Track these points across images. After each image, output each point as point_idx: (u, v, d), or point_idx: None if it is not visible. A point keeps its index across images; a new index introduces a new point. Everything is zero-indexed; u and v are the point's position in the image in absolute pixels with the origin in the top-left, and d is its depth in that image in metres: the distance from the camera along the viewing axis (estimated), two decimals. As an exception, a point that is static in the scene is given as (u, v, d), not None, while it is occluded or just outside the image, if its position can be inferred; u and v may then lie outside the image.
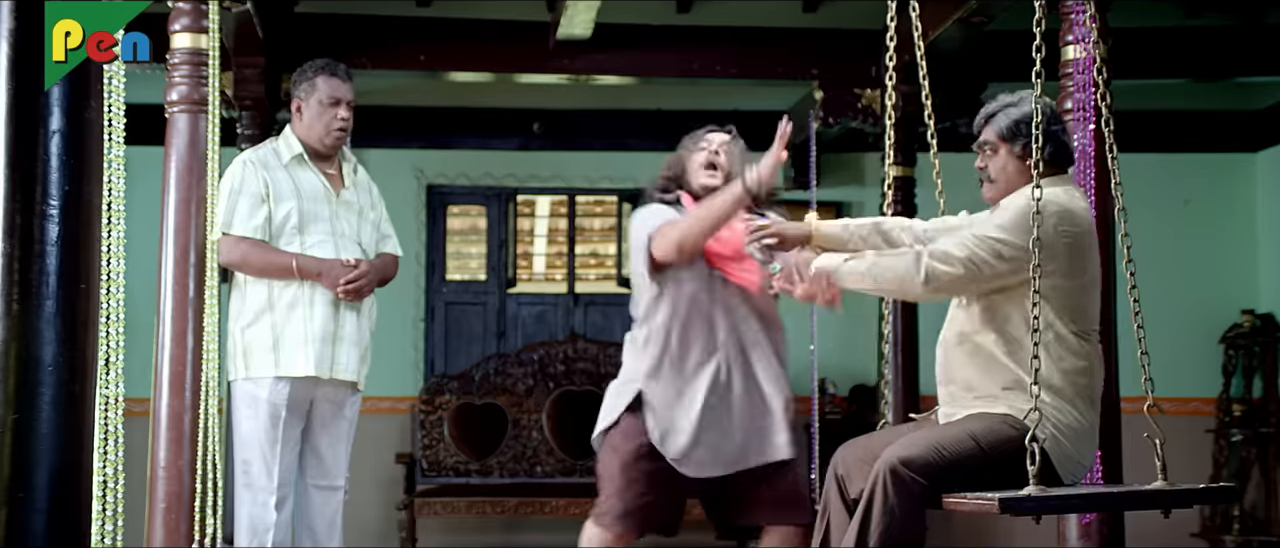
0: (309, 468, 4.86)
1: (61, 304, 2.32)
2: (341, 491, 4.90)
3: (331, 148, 4.83)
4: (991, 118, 3.73)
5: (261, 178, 4.70)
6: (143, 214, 4.11)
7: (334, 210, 4.78)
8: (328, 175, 4.82)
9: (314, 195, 4.76)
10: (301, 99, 4.82)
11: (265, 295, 4.70)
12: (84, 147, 2.39)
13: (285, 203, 4.70)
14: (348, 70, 4.91)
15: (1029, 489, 3.29)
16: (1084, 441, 3.58)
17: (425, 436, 7.72)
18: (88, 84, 2.41)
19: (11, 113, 2.32)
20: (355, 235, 4.82)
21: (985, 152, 3.73)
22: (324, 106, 4.78)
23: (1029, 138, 3.57)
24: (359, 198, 4.90)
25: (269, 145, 4.86)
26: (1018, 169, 3.67)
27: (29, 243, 2.30)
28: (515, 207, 8.43)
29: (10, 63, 2.33)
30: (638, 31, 6.91)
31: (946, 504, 3.42)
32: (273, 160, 4.78)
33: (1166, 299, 8.04)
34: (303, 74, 4.85)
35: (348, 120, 4.82)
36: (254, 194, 4.68)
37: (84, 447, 2.38)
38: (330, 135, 4.80)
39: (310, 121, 4.79)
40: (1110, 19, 4.68)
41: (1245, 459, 7.95)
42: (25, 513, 2.28)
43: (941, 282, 3.51)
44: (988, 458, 3.46)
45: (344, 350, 4.75)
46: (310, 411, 4.81)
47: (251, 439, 4.71)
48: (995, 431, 3.50)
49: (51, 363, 2.31)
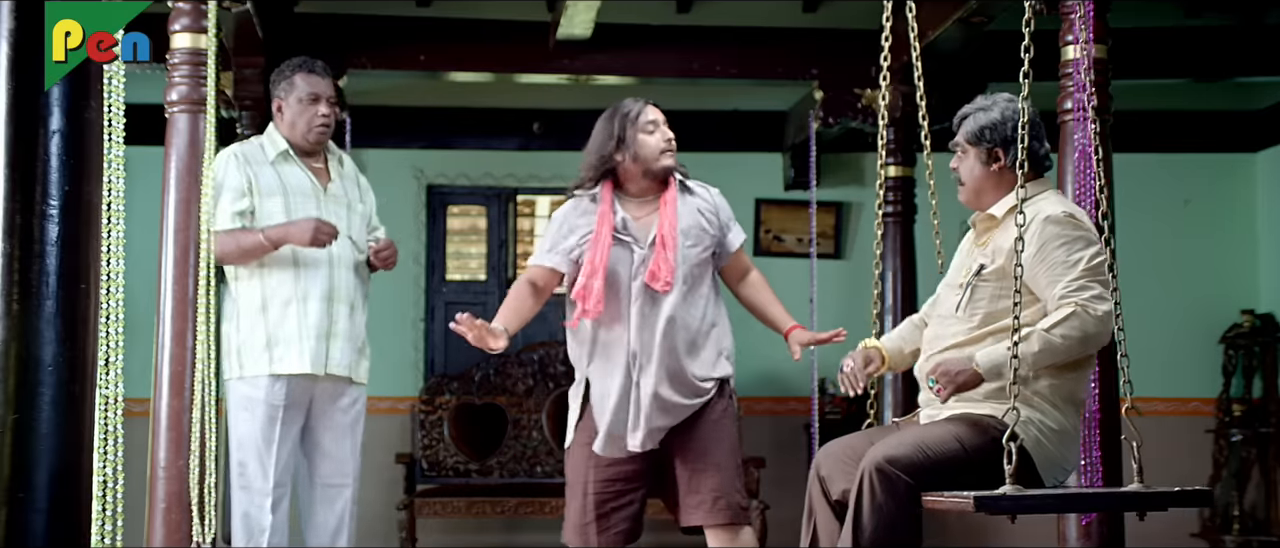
0: (314, 468, 4.86)
1: (61, 304, 2.32)
2: (349, 489, 4.88)
3: (315, 144, 4.84)
4: (964, 120, 3.78)
5: (245, 173, 4.72)
6: (142, 214, 4.12)
7: (321, 206, 4.78)
8: (314, 171, 4.84)
9: (300, 191, 4.77)
10: (281, 98, 4.84)
11: (259, 294, 4.70)
12: (84, 147, 2.39)
13: (271, 199, 4.71)
14: (325, 67, 4.91)
15: (1005, 489, 3.31)
16: (1067, 443, 3.62)
17: (425, 436, 7.72)
18: (88, 84, 2.41)
19: (11, 113, 2.32)
20: (345, 230, 4.82)
21: (957, 152, 3.81)
22: (304, 104, 4.80)
23: (995, 143, 3.69)
24: (346, 192, 4.90)
25: (256, 141, 4.88)
26: (984, 174, 3.74)
27: (29, 243, 2.30)
28: (515, 207, 8.43)
29: (10, 63, 2.33)
30: (638, 31, 6.91)
31: (925, 503, 3.44)
32: (258, 156, 4.79)
33: (1166, 299, 8.06)
34: (280, 73, 4.87)
35: (328, 116, 4.83)
36: (235, 188, 4.70)
37: (84, 447, 2.38)
38: (312, 132, 4.81)
39: (292, 120, 4.81)
40: (1110, 19, 4.68)
41: (1245, 459, 7.95)
42: (25, 513, 2.27)
43: (1105, 310, 3.53)
44: (971, 458, 3.48)
45: (338, 346, 4.75)
46: (310, 409, 4.80)
47: (247, 439, 4.71)
48: (979, 431, 3.53)
49: (51, 363, 2.31)
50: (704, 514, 4.21)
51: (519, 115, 8.24)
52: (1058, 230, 3.55)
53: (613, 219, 4.27)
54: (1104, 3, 4.63)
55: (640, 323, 4.23)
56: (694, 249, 4.29)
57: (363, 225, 4.94)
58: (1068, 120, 4.60)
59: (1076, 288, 3.52)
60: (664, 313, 4.23)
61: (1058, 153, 4.68)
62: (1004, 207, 3.70)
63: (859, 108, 6.90)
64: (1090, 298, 3.50)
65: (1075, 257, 3.54)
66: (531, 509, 7.35)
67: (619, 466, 4.26)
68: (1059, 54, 4.65)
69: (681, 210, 4.30)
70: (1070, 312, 3.48)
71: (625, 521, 4.27)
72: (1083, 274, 3.53)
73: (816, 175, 7.18)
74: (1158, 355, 7.69)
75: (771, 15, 7.06)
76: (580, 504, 4.27)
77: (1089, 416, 4.35)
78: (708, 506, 4.20)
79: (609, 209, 4.28)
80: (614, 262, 4.25)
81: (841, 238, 8.22)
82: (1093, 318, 3.48)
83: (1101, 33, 4.59)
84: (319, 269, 4.72)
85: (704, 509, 4.21)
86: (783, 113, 8.10)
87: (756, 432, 7.50)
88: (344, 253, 4.79)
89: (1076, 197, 4.46)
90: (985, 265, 3.67)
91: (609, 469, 4.26)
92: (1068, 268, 3.54)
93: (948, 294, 3.82)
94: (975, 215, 3.82)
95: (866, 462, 3.46)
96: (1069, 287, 3.52)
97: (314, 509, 4.88)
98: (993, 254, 3.67)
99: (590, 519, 4.23)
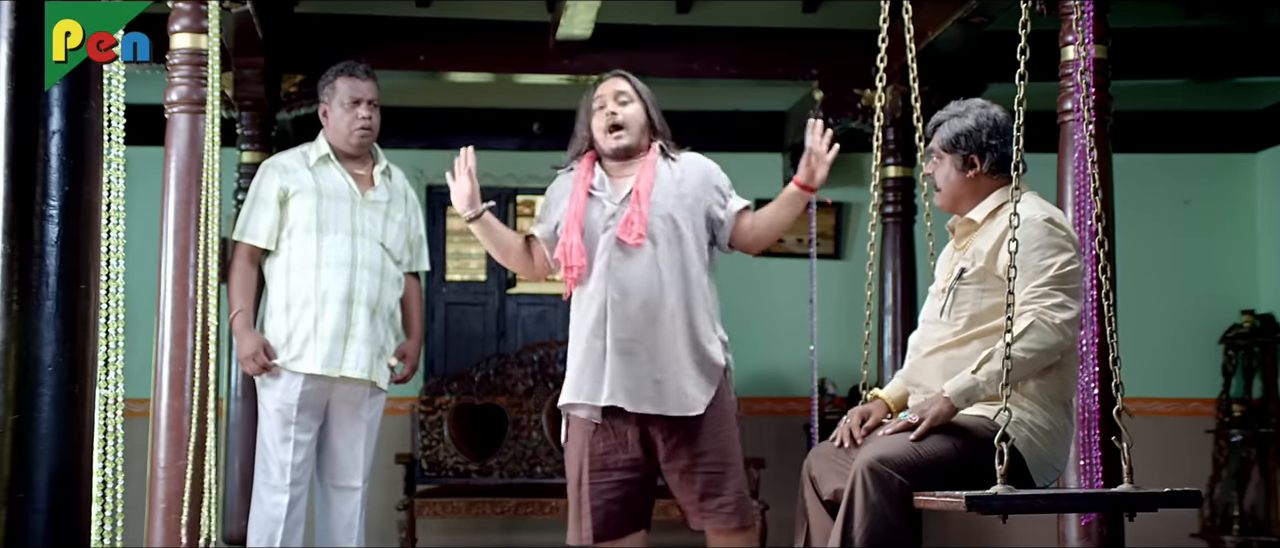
0: (325, 468, 4.88)
1: (61, 304, 2.32)
2: (360, 491, 4.91)
3: (358, 147, 4.88)
4: (938, 127, 3.81)
5: (278, 183, 4.76)
6: (142, 214, 4.12)
7: (356, 209, 4.81)
8: (356, 176, 4.88)
9: (336, 194, 4.80)
10: (325, 103, 4.90)
11: (284, 294, 4.72)
12: (84, 147, 2.39)
13: (303, 200, 4.74)
14: (368, 69, 4.96)
15: (996, 488, 3.32)
16: (1058, 443, 3.65)
17: (425, 436, 7.72)
18: (88, 84, 2.41)
19: (11, 113, 2.32)
20: (379, 235, 4.84)
21: (932, 159, 3.83)
22: (345, 108, 4.85)
23: (971, 149, 3.73)
24: (390, 199, 4.93)
25: (300, 148, 4.96)
26: (960, 179, 3.77)
27: (29, 243, 2.30)
28: (515, 207, 8.43)
29: (10, 63, 2.33)
30: (638, 31, 6.91)
31: (917, 502, 3.45)
32: (298, 162, 4.85)
33: (1166, 299, 8.06)
34: (325, 79, 4.94)
35: (370, 119, 4.88)
36: (264, 200, 4.75)
37: (84, 447, 2.38)
38: (354, 135, 4.85)
39: (335, 124, 4.87)
40: (1110, 19, 4.68)
41: (1245, 460, 7.95)
42: (25, 513, 2.27)
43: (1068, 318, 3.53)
44: (963, 458, 3.49)
45: (354, 348, 4.76)
46: (328, 410, 4.82)
47: (265, 438, 4.76)
48: (971, 431, 3.54)
49: (51, 363, 2.31)
50: (723, 518, 4.20)
51: (519, 115, 8.24)
52: (1033, 234, 3.57)
53: (589, 179, 4.28)
54: (1104, 3, 4.63)
55: (608, 278, 4.16)
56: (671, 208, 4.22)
57: (401, 235, 4.96)
58: (1067, 121, 4.61)
59: (1040, 294, 3.54)
60: (635, 270, 4.16)
61: (1058, 153, 4.69)
62: (983, 211, 3.74)
63: (859, 108, 6.90)
64: (1050, 306, 3.52)
65: (1046, 262, 3.56)
66: (531, 510, 7.35)
67: (614, 454, 4.20)
68: (1059, 54, 4.66)
69: (661, 172, 4.27)
70: (1029, 323, 3.50)
71: (620, 511, 4.21)
72: (1049, 281, 3.55)
73: (816, 176, 7.17)
74: (1158, 356, 7.70)
75: (771, 15, 7.07)
76: (575, 496, 4.24)
77: (1088, 416, 4.36)
78: (722, 510, 4.19)
79: (587, 171, 4.30)
80: (589, 219, 4.22)
81: (841, 238, 8.22)
82: (1051, 327, 3.50)
83: (1101, 33, 4.59)
84: (341, 271, 4.74)
85: (725, 513, 4.20)
86: (783, 113, 8.10)
87: (756, 432, 7.50)
88: (371, 257, 4.81)
89: (1076, 197, 4.46)
90: (966, 269, 3.69)
91: (601, 458, 4.20)
92: (1036, 273, 3.55)
93: (932, 300, 3.85)
94: (954, 220, 3.84)
95: (859, 462, 3.47)
96: (1033, 293, 3.54)
97: (327, 510, 4.90)
98: (973, 257, 3.70)
99: (585, 511, 4.20)
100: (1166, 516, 3.87)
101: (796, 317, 4.56)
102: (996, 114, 3.78)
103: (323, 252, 4.72)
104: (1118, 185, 4.72)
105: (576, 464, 4.23)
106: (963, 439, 3.53)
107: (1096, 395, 4.35)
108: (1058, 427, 3.64)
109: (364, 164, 4.91)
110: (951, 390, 3.52)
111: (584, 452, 4.21)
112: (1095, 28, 4.46)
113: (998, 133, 3.75)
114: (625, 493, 4.21)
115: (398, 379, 5.01)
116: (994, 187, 3.76)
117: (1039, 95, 3.66)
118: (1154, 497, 3.52)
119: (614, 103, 4.30)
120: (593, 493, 4.19)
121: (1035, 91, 3.58)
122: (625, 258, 4.17)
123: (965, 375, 3.52)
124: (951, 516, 3.49)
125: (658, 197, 4.21)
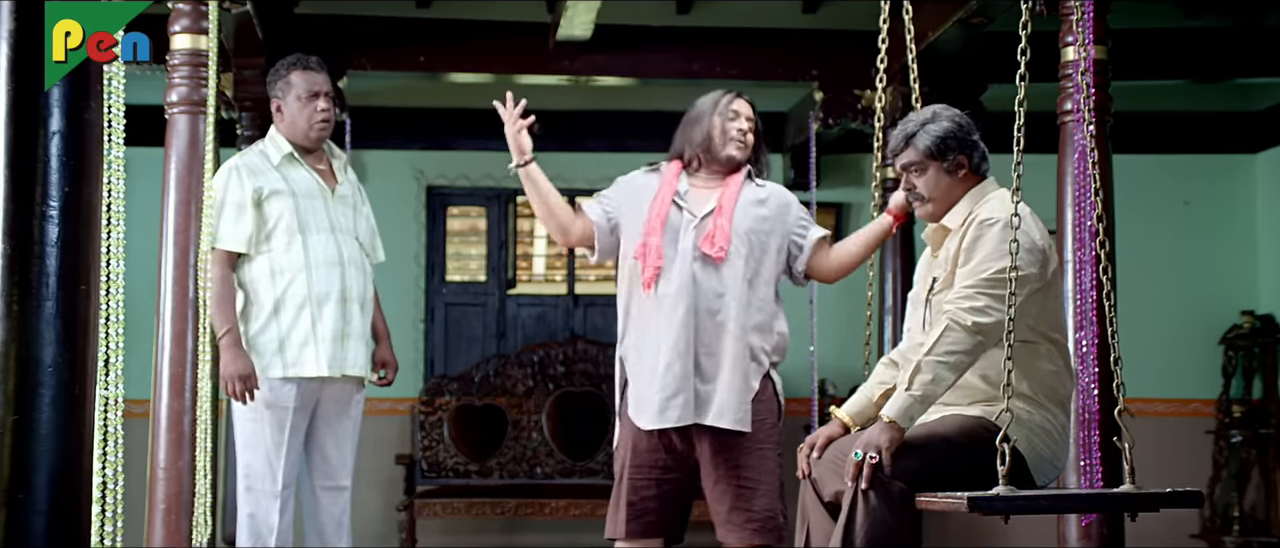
0: (315, 469, 4.85)
1: (61, 305, 2.32)
2: (348, 490, 4.89)
3: (317, 141, 4.80)
4: (912, 138, 3.72)
5: (248, 185, 4.65)
6: (142, 215, 4.12)
7: (329, 206, 4.77)
8: (319, 172, 4.81)
9: (309, 193, 4.74)
10: (279, 98, 4.79)
11: (272, 296, 4.68)
12: (84, 147, 2.39)
13: (281, 201, 4.68)
14: (320, 62, 4.87)
15: (998, 489, 3.31)
16: (1057, 442, 3.64)
17: (425, 436, 7.72)
18: (88, 84, 2.41)
19: (11, 113, 2.32)
20: (352, 230, 4.81)
21: (912, 172, 3.74)
22: (303, 102, 4.75)
23: (958, 151, 3.68)
24: (352, 193, 4.90)
25: (257, 148, 4.82)
26: (950, 184, 3.71)
27: (29, 243, 2.30)
28: (515, 208, 8.43)
29: (10, 63, 2.33)
30: (637, 32, 6.91)
31: (919, 504, 3.44)
32: (262, 163, 4.73)
33: (1166, 300, 8.07)
34: (276, 73, 4.83)
35: (328, 110, 4.79)
36: (237, 204, 4.63)
37: (84, 448, 2.38)
38: (314, 128, 4.76)
39: (292, 119, 4.76)
40: (1110, 19, 4.68)
41: (1245, 460, 7.95)
42: (25, 514, 2.27)
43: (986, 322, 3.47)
44: (963, 460, 3.48)
45: (352, 346, 4.74)
46: (315, 410, 4.80)
47: (256, 442, 4.68)
48: (970, 433, 3.54)
49: (51, 364, 2.31)
50: (746, 534, 4.21)
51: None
52: (986, 235, 3.53)
53: (675, 185, 4.30)
54: (1104, 4, 4.63)
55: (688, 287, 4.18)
56: (750, 228, 4.25)
57: (368, 228, 4.93)
58: (1067, 121, 4.61)
59: (962, 295, 3.50)
60: (709, 283, 4.20)
61: (1058, 154, 4.69)
62: (957, 217, 3.69)
63: (859, 109, 6.91)
64: (968, 309, 3.47)
65: (983, 265, 3.52)
66: (531, 510, 7.35)
67: (657, 454, 4.23)
68: (1059, 55, 4.66)
69: (745, 192, 4.31)
70: (944, 327, 3.47)
71: (655, 510, 4.24)
72: (979, 283, 3.50)
73: (817, 176, 7.18)
74: (1158, 356, 7.70)
75: (771, 16, 7.07)
76: (616, 490, 4.29)
77: (1089, 416, 4.36)
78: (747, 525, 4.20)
79: (673, 178, 4.33)
80: (670, 225, 4.25)
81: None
82: (964, 330, 3.45)
83: (1101, 34, 4.59)
84: (332, 271, 4.71)
85: (748, 529, 4.21)
86: (783, 114, 8.10)
87: (756, 433, 7.50)
88: (353, 253, 4.79)
89: (1076, 197, 4.46)
90: (938, 279, 3.68)
91: (645, 456, 4.24)
92: (969, 274, 3.52)
93: (912, 310, 3.84)
94: (929, 228, 3.80)
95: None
96: (958, 293, 3.52)
97: (317, 510, 4.88)
98: (944, 264, 3.67)
99: (622, 504, 4.24)
100: (1166, 516, 3.87)
101: (797, 317, 4.56)
102: (959, 113, 3.76)
103: (310, 252, 4.68)
104: (1118, 186, 4.72)
105: (621, 459, 4.29)
106: (961, 441, 3.52)
107: (1097, 396, 4.35)
108: (1056, 425, 3.63)
109: (321, 159, 4.86)
110: (894, 413, 3.45)
111: (629, 448, 4.26)
112: (1095, 28, 4.46)
113: (973, 130, 3.74)
114: (661, 493, 4.25)
115: (383, 383, 4.98)
116: (969, 188, 3.73)
117: (1039, 96, 3.65)
118: (1156, 497, 3.52)
119: (747, 121, 4.36)
120: (630, 489, 4.24)
121: (1035, 92, 3.57)
122: (704, 269, 4.21)
123: (901, 394, 3.47)
124: (952, 516, 3.49)
125: (739, 215, 4.25)
